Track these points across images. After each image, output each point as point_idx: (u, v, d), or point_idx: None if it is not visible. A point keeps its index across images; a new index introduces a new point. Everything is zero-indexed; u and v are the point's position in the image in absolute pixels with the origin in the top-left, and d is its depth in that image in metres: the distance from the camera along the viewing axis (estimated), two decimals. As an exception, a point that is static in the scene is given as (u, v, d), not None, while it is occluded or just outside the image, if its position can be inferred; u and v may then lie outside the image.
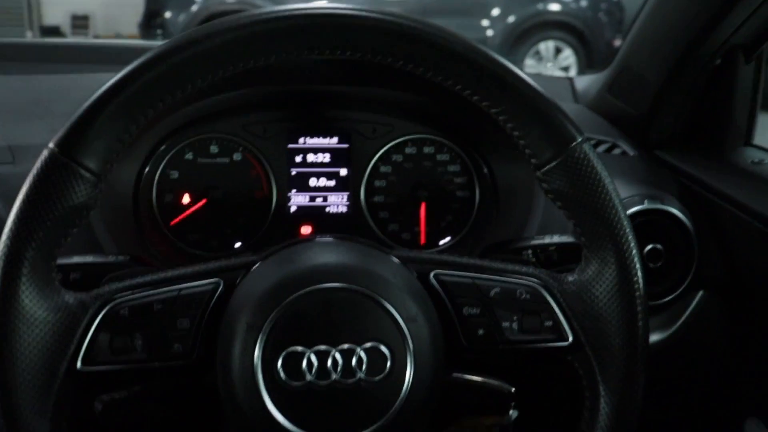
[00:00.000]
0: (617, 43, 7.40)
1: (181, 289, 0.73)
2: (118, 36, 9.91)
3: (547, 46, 7.79)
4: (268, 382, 0.69)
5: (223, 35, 0.68)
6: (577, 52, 7.78)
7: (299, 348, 0.69)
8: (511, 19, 7.63)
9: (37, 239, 0.67)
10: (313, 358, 0.69)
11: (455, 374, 0.95)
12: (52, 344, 0.68)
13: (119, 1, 9.99)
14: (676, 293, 1.07)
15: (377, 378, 0.70)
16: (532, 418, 1.05)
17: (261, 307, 0.70)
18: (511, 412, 1.04)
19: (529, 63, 7.74)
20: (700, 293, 1.12)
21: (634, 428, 0.76)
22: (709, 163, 1.16)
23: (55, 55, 1.40)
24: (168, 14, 7.50)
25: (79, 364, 0.69)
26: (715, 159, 1.17)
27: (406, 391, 0.70)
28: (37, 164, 0.67)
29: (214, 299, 0.74)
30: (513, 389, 1.01)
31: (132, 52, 1.39)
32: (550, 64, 7.76)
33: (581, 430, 0.77)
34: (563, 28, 7.76)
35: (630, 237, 0.75)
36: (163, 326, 0.72)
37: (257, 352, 0.69)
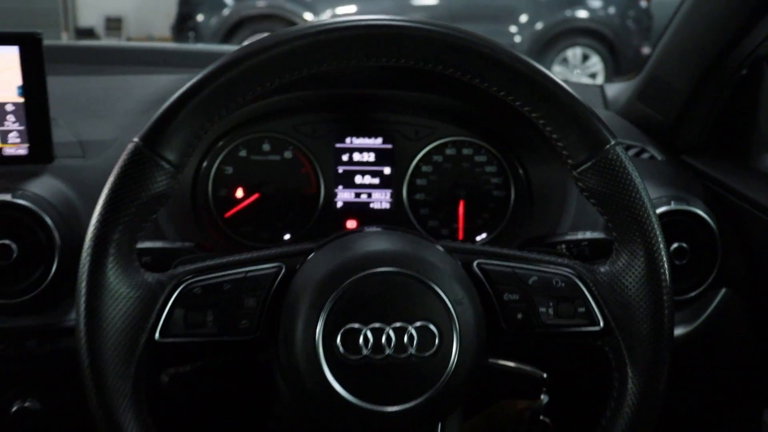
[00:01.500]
0: (645, 50, 7.41)
1: (247, 272, 0.80)
2: (149, 38, 10.02)
3: (574, 53, 7.78)
4: (328, 356, 0.75)
5: (291, 43, 0.75)
6: (604, 59, 7.76)
7: (356, 325, 0.75)
8: (539, 25, 7.62)
9: (123, 223, 0.74)
10: (369, 334, 0.75)
11: (491, 360, 1.02)
12: (134, 317, 0.75)
13: (152, 4, 10.11)
14: (700, 289, 1.11)
15: (426, 354, 0.76)
16: (561, 403, 1.11)
17: (322, 288, 0.76)
18: (542, 396, 1.10)
19: (557, 69, 7.73)
20: (723, 290, 1.16)
21: (659, 410, 0.82)
22: (734, 168, 1.20)
23: (116, 57, 1.48)
24: (200, 17, 7.50)
25: (157, 335, 0.76)
26: (740, 164, 1.22)
27: (452, 366, 0.76)
28: (123, 156, 0.75)
29: (277, 281, 0.80)
30: (545, 375, 1.07)
31: (188, 56, 1.48)
32: (577, 71, 7.74)
33: (609, 411, 0.83)
34: (591, 35, 7.74)
35: (658, 232, 0.80)
36: (232, 304, 0.79)
37: (318, 329, 0.75)
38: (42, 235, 0.99)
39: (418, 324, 0.76)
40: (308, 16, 7.37)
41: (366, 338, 0.76)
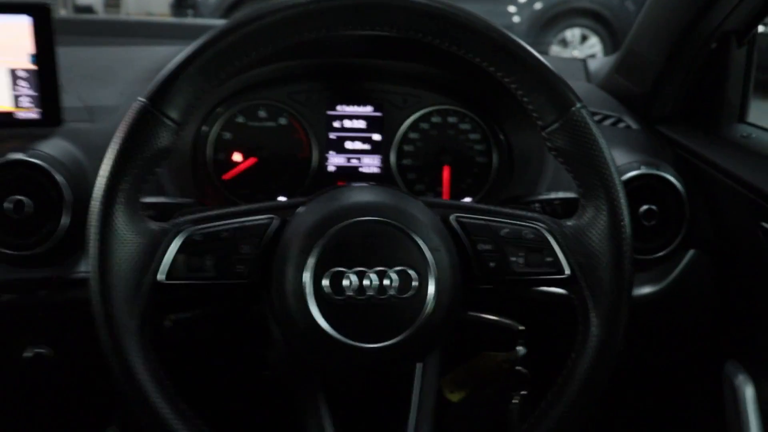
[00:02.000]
0: (643, 31, 7.43)
1: (244, 222, 0.87)
2: (149, 15, 10.06)
3: (573, 34, 7.77)
4: (316, 297, 0.82)
5: (284, 11, 0.82)
6: (603, 40, 7.74)
7: (341, 268, 0.82)
8: (537, 5, 7.62)
9: (130, 176, 0.81)
10: (353, 277, 0.82)
11: (471, 313, 1.09)
12: (140, 261, 0.82)
13: (150, -18, 10.12)
14: (668, 250, 1.17)
15: (405, 296, 0.83)
16: (537, 354, 1.19)
17: (310, 235, 0.83)
18: (519, 348, 1.18)
19: (555, 50, 7.72)
20: (691, 252, 1.22)
21: (619, 351, 0.89)
22: (704, 137, 1.27)
23: (119, 29, 1.55)
24: (199, -5, 7.54)
25: (160, 277, 0.83)
26: (710, 133, 1.28)
27: (428, 307, 0.83)
28: (129, 114, 0.82)
29: (270, 230, 0.87)
30: (521, 328, 1.15)
31: (187, 29, 1.55)
32: (576, 52, 7.73)
33: (574, 352, 0.89)
34: (590, 15, 7.73)
35: (619, 188, 0.87)
36: (229, 250, 0.86)
37: (307, 272, 0.82)
38: (53, 192, 1.05)
39: (398, 268, 0.83)
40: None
41: (350, 280, 0.82)
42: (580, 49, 7.79)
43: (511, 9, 7.63)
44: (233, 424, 1.05)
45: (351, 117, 1.31)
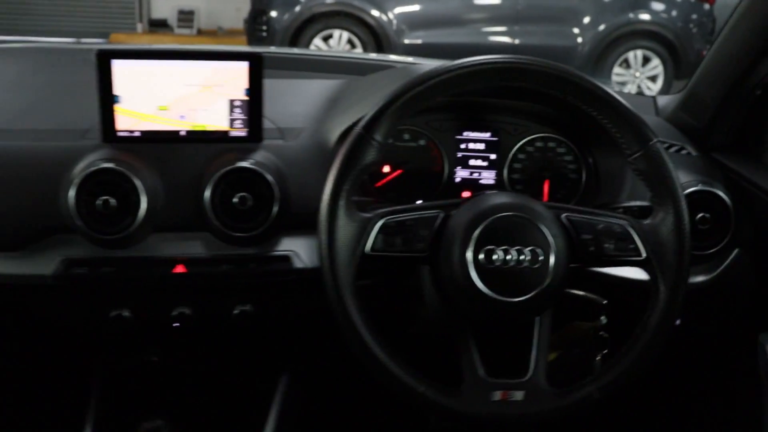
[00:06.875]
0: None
1: (421, 214, 1.23)
2: (219, 29, 10.27)
3: (636, 55, 7.88)
4: (475, 266, 1.18)
5: (458, 70, 1.19)
6: (665, 62, 7.85)
7: (492, 246, 1.18)
8: (601, 27, 7.71)
9: (349, 182, 1.18)
10: (500, 252, 1.18)
11: (567, 290, 1.44)
12: (354, 237, 1.18)
13: (222, -2, 10.38)
14: (717, 248, 1.50)
15: (535, 266, 1.18)
16: (615, 323, 1.50)
17: (471, 225, 1.19)
18: (602, 318, 1.50)
19: (617, 71, 7.86)
20: (736, 250, 1.53)
21: (680, 311, 1.22)
22: (749, 163, 1.59)
23: (302, 64, 1.89)
24: (273, 13, 7.65)
25: (367, 249, 1.20)
26: (754, 160, 1.60)
27: (549, 276, 1.19)
28: (350, 139, 1.18)
29: (438, 220, 1.23)
30: (605, 302, 1.48)
31: (347, 65, 1.88)
32: (638, 73, 7.88)
33: (647, 311, 1.22)
34: (653, 37, 7.83)
35: (683, 200, 1.21)
36: (412, 233, 1.21)
37: (470, 249, 1.18)
38: (265, 190, 1.37)
39: (530, 247, 1.19)
40: (375, 13, 7.58)
41: (498, 255, 1.18)
42: (642, 71, 7.89)
43: (575, 30, 7.74)
44: None
45: (474, 141, 1.62)
